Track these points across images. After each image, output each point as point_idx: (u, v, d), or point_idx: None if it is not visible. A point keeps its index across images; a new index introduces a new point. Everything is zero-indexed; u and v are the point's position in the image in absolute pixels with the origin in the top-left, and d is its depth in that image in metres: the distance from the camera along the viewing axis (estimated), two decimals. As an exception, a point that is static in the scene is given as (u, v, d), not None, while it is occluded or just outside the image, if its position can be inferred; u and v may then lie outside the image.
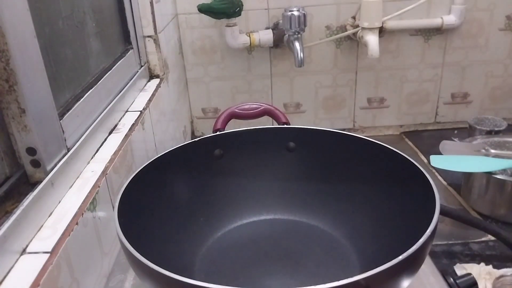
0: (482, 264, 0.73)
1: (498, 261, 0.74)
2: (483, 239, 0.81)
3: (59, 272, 0.41)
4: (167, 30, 0.98)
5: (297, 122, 1.20)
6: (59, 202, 0.48)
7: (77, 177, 0.53)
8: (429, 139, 1.22)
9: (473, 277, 0.52)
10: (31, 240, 0.42)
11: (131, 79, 0.80)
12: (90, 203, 0.49)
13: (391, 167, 0.53)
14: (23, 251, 0.41)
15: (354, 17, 1.12)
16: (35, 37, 0.46)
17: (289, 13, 1.04)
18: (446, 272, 0.52)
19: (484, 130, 1.05)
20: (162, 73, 0.93)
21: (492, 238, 0.79)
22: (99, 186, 0.52)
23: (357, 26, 1.09)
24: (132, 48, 0.84)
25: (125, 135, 0.65)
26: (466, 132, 1.12)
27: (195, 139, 0.60)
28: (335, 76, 1.21)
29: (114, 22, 0.80)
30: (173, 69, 1.03)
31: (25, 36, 0.44)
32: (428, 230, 0.39)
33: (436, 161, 0.89)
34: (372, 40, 1.01)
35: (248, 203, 0.62)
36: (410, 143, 1.22)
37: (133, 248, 0.39)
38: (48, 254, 0.40)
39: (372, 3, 1.00)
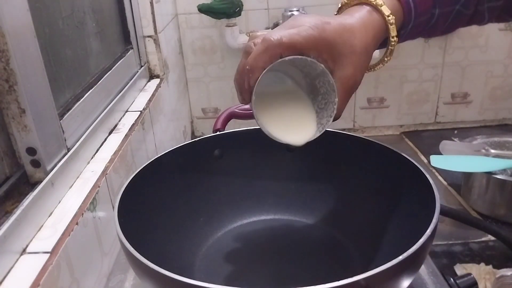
0: (482, 264, 0.73)
1: (498, 261, 0.74)
2: (483, 239, 0.81)
3: (59, 272, 0.41)
4: (167, 30, 0.98)
5: (297, 122, 1.21)
6: (59, 202, 0.48)
7: (77, 177, 0.53)
8: (429, 139, 1.22)
9: (473, 277, 0.52)
10: (31, 240, 0.42)
11: (131, 79, 0.80)
12: (90, 203, 0.49)
13: (391, 167, 0.53)
14: (23, 251, 0.41)
15: (354, 17, 1.12)
16: (35, 37, 0.46)
17: (289, 13, 1.04)
18: (446, 272, 0.52)
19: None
20: (162, 73, 0.93)
21: (492, 238, 0.79)
22: (99, 186, 0.52)
23: (357, 26, 1.09)
24: (132, 48, 0.84)
25: (125, 135, 0.65)
26: (466, 132, 1.12)
27: (195, 139, 0.60)
28: (335, 76, 1.21)
29: (114, 22, 0.80)
30: (173, 69, 1.03)
31: (25, 36, 0.44)
32: (428, 230, 0.39)
33: (436, 161, 0.89)
34: (372, 40, 1.01)
35: (248, 203, 0.62)
36: (410, 143, 1.22)
37: (133, 248, 0.39)
38: (48, 254, 0.40)
39: (372, 3, 1.00)
